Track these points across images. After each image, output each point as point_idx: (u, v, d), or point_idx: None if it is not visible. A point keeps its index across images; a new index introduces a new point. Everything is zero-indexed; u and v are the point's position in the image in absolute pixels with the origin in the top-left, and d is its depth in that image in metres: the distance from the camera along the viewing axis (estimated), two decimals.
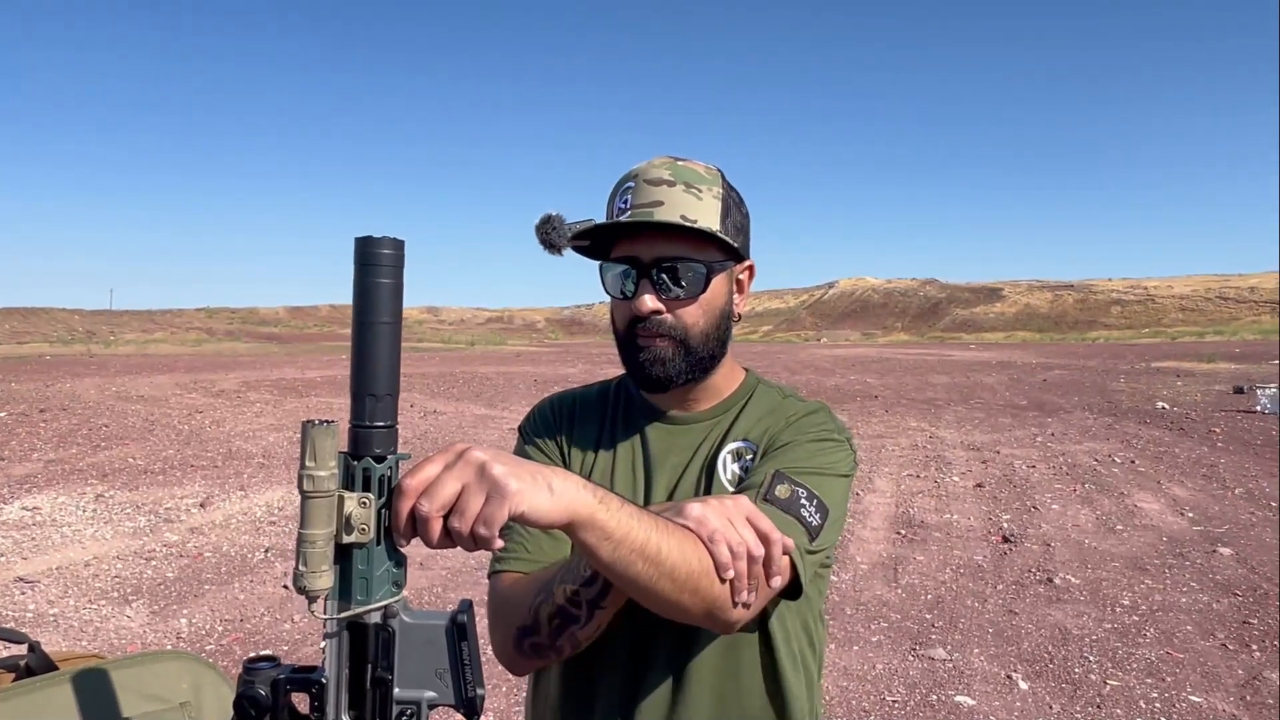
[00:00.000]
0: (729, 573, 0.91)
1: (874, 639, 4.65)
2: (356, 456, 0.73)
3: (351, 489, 0.73)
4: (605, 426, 1.24)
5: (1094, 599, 5.29)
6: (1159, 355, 38.14)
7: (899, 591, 5.44)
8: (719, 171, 1.17)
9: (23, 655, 1.25)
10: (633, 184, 1.12)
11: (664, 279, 1.11)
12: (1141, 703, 3.88)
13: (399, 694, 0.75)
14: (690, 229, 1.09)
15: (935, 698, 3.94)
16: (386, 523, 0.74)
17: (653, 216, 1.09)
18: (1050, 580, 5.62)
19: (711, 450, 1.18)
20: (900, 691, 4.01)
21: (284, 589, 5.46)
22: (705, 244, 1.12)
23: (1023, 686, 4.06)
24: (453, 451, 0.77)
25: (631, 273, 1.12)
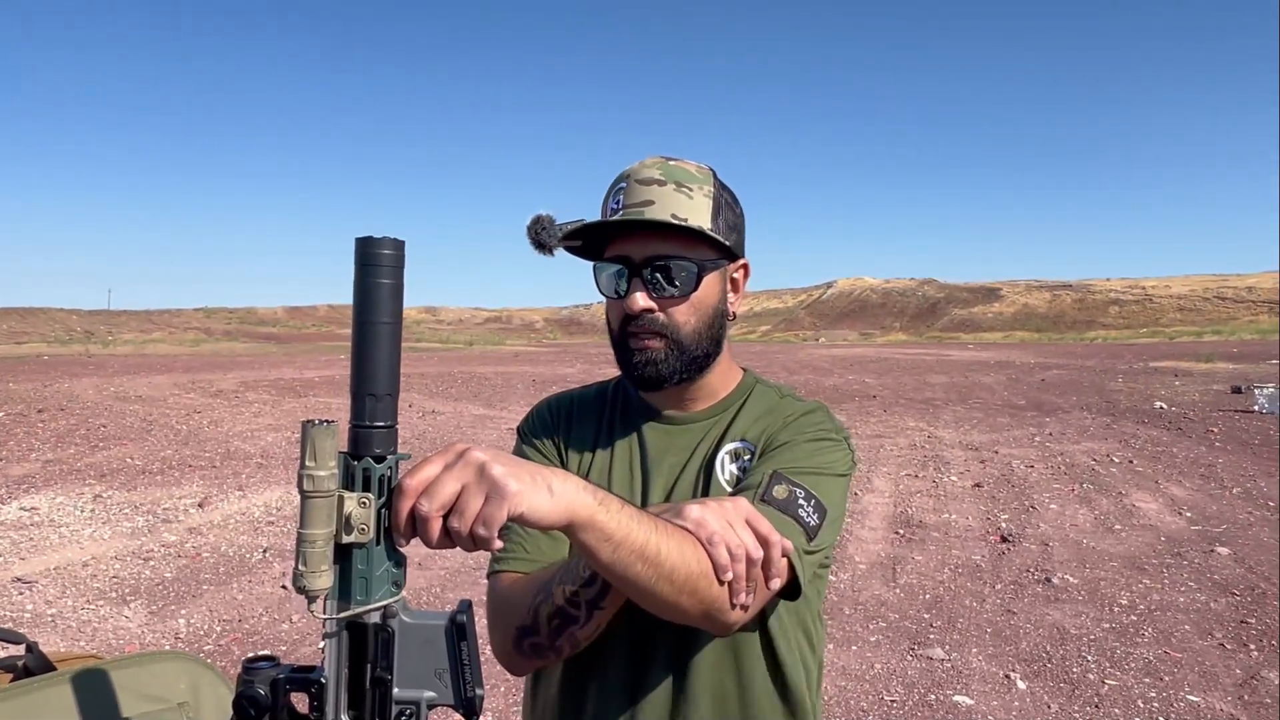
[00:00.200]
0: (728, 575, 0.91)
1: (872, 639, 4.66)
2: (356, 456, 0.74)
3: (351, 489, 0.73)
4: (603, 427, 1.24)
5: (1092, 598, 5.29)
6: (1157, 355, 38.17)
7: (897, 591, 5.44)
8: (711, 171, 1.17)
9: (20, 656, 1.25)
10: (625, 184, 1.12)
11: (655, 278, 1.11)
12: (1139, 702, 3.89)
13: (398, 694, 0.76)
14: (681, 227, 1.09)
15: (934, 697, 3.94)
16: (386, 523, 0.74)
17: (643, 215, 1.09)
18: (1048, 580, 5.63)
19: (709, 450, 1.18)
20: (898, 691, 4.01)
21: (282, 589, 5.46)
22: (697, 243, 1.12)
23: (1021, 686, 4.06)
24: (453, 452, 0.77)
25: (624, 272, 1.12)
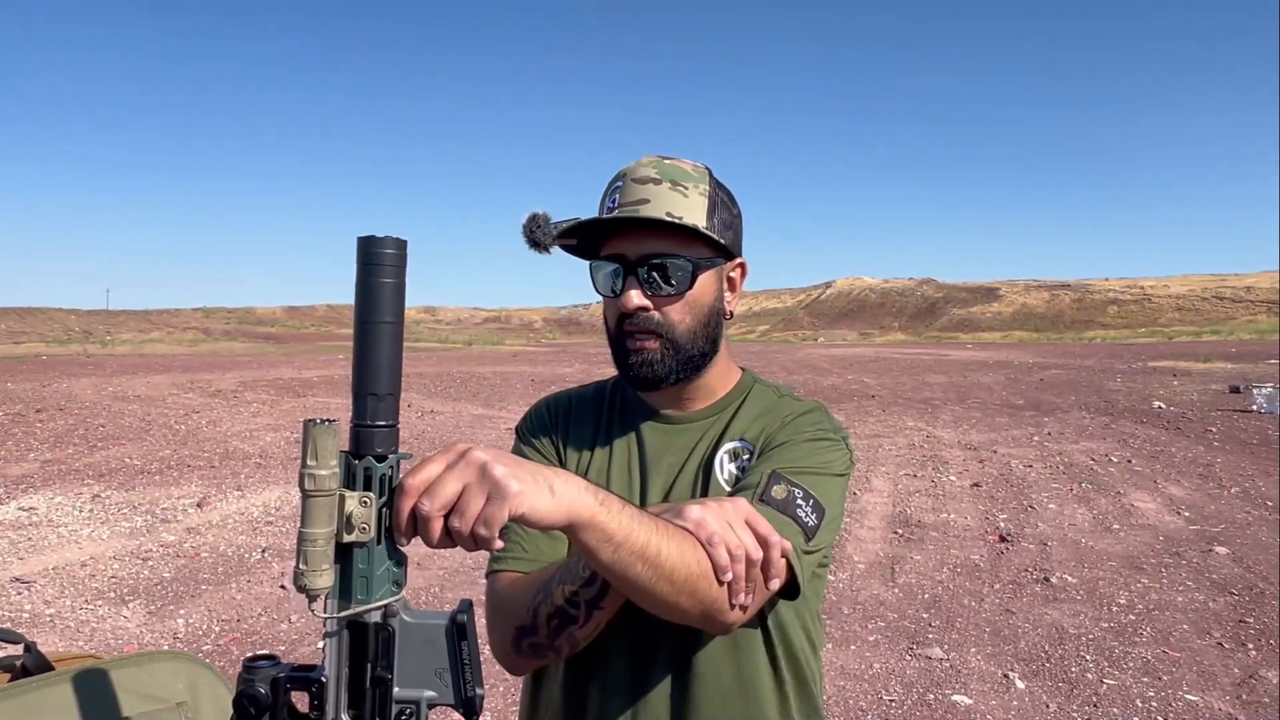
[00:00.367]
0: (727, 575, 0.91)
1: (871, 638, 4.66)
2: (358, 455, 0.74)
3: (352, 488, 0.73)
4: (601, 426, 1.24)
5: (1090, 598, 5.30)
6: (1155, 355, 38.20)
7: (896, 591, 5.45)
8: (707, 170, 1.17)
9: (19, 655, 1.24)
10: (621, 183, 1.13)
11: (650, 276, 1.11)
12: (1138, 701, 3.89)
13: (398, 693, 0.76)
14: (675, 225, 1.09)
15: (932, 697, 3.94)
16: (387, 522, 0.74)
17: (637, 213, 1.09)
18: (1047, 579, 5.63)
19: (708, 450, 1.18)
20: (897, 691, 4.01)
21: (281, 589, 5.45)
22: (692, 241, 1.12)
23: (1019, 686, 4.06)
24: (454, 451, 0.77)
25: (619, 270, 1.12)
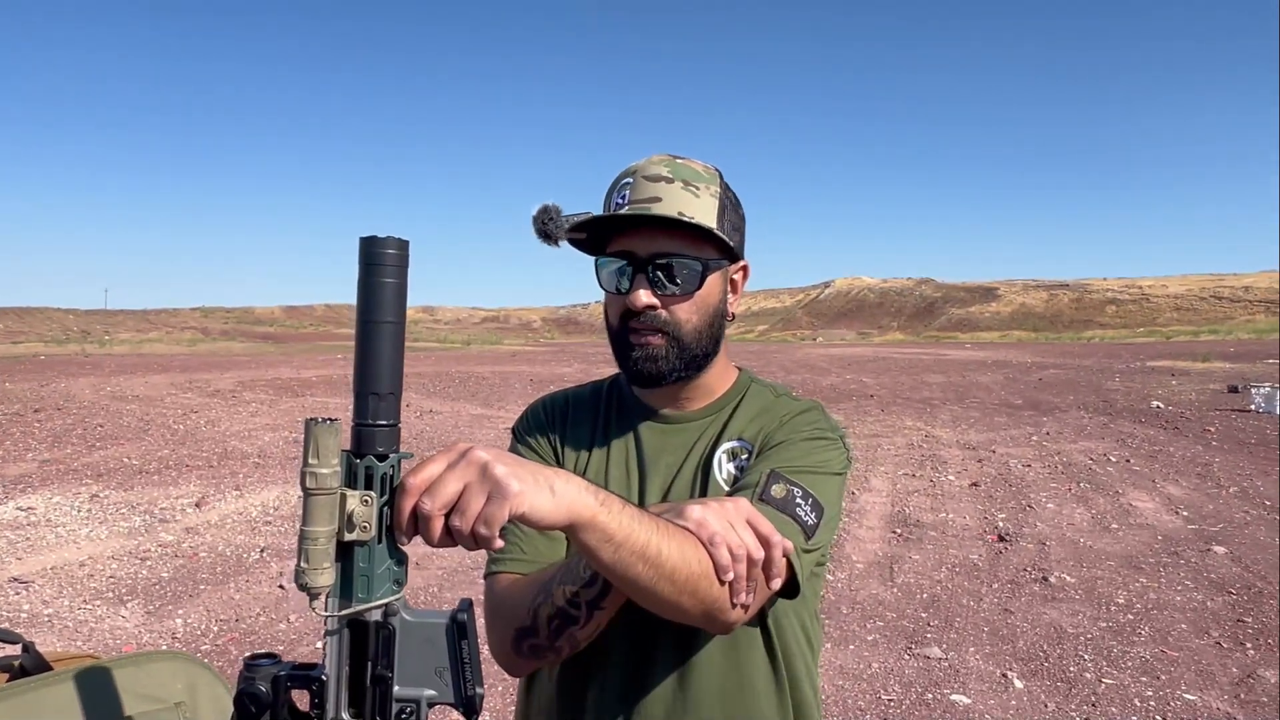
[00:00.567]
0: (728, 575, 0.91)
1: (870, 638, 4.66)
2: (359, 454, 0.74)
3: (354, 487, 0.73)
4: (599, 426, 1.24)
5: (1089, 597, 5.30)
6: (1154, 354, 38.24)
7: (895, 590, 5.45)
8: (717, 171, 1.17)
9: (17, 656, 1.24)
10: (631, 180, 1.12)
11: (659, 275, 1.11)
12: (1136, 701, 3.89)
13: (399, 692, 0.76)
14: (687, 225, 1.09)
15: (931, 696, 3.95)
16: (388, 521, 0.74)
17: (649, 211, 1.09)
18: (1045, 579, 5.64)
19: (706, 450, 1.18)
20: (896, 690, 4.02)
21: (280, 589, 5.45)
22: (701, 242, 1.12)
23: (1018, 685, 4.07)
24: (455, 451, 0.77)
25: (627, 268, 1.12)
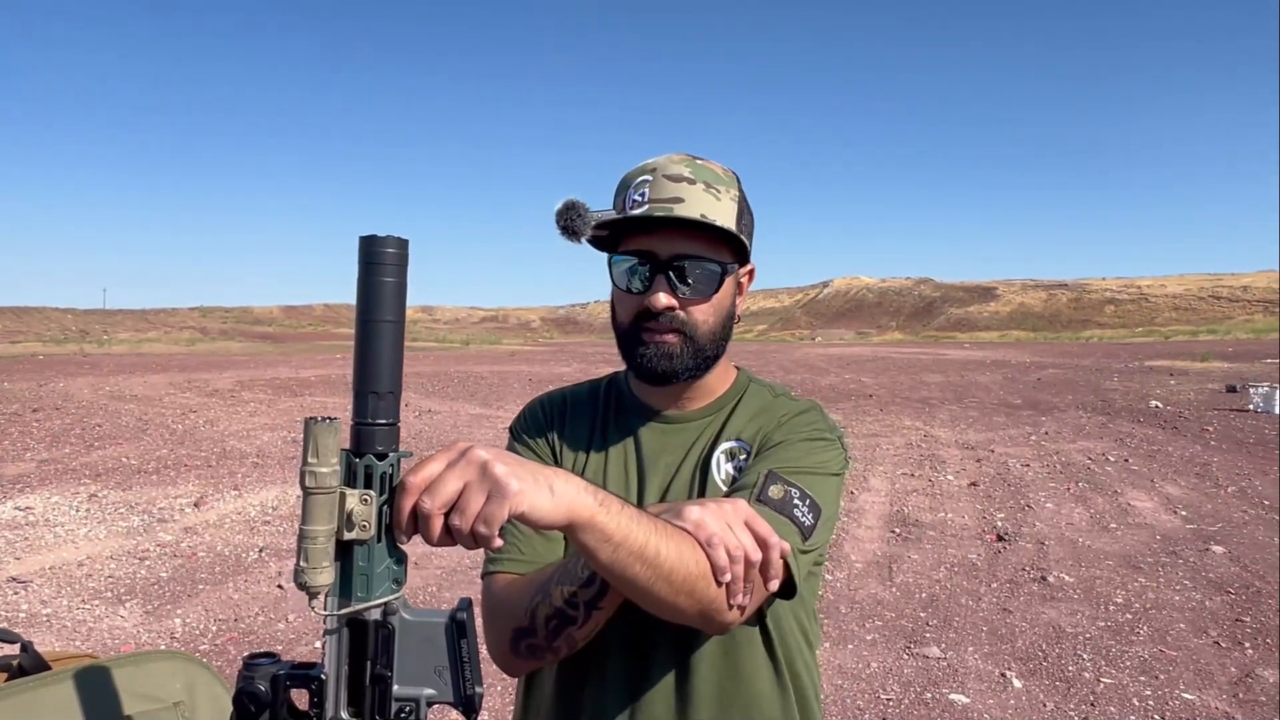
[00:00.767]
0: (726, 576, 0.91)
1: (869, 637, 4.66)
2: (358, 453, 0.74)
3: (353, 486, 0.73)
4: (597, 425, 1.24)
5: (1088, 597, 5.31)
6: (1153, 354, 38.28)
7: (894, 590, 5.45)
8: (735, 175, 1.17)
9: (15, 655, 1.24)
10: (649, 177, 1.11)
11: (679, 276, 1.11)
12: (1135, 700, 3.90)
13: (398, 691, 0.76)
14: (709, 227, 1.09)
15: (930, 696, 3.95)
16: (387, 520, 0.74)
17: (673, 212, 1.08)
18: (1044, 578, 5.64)
19: (705, 450, 1.18)
20: (895, 690, 4.02)
21: (279, 588, 5.45)
22: (718, 244, 1.12)
23: (1017, 684, 4.07)
24: (455, 450, 0.77)
25: (644, 268, 1.11)
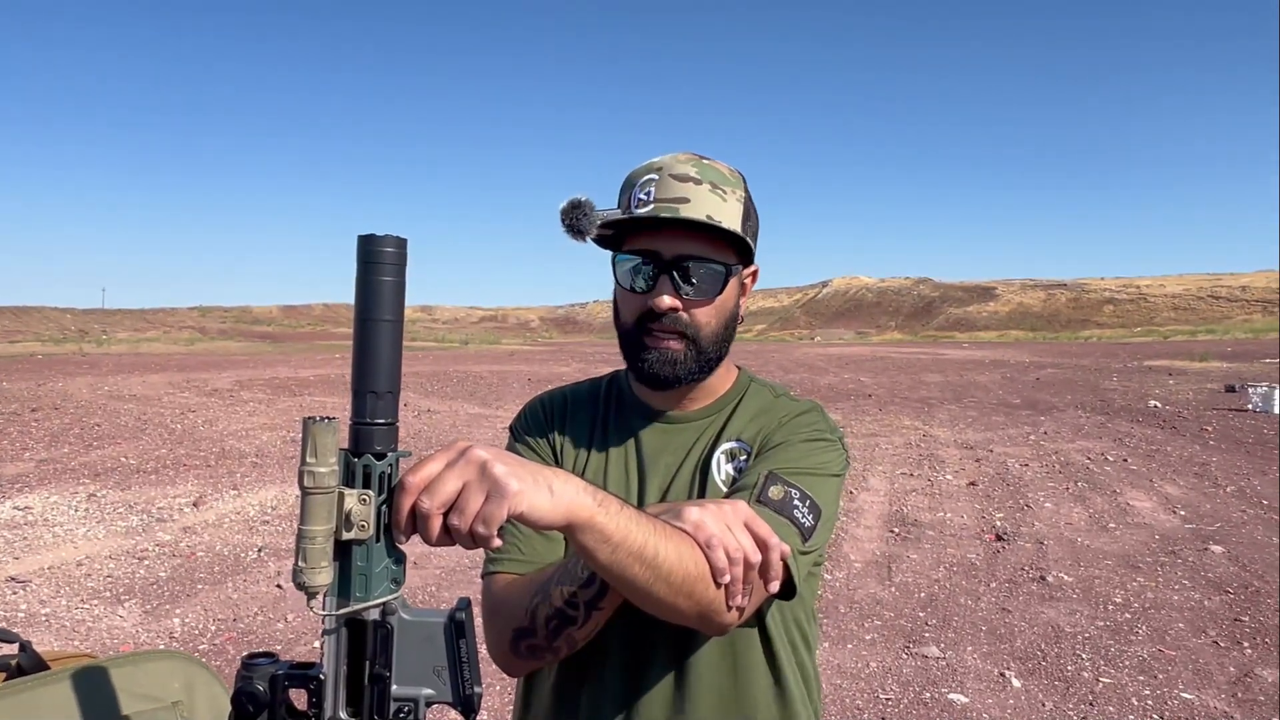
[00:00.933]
0: (725, 578, 0.91)
1: (867, 637, 4.67)
2: (357, 453, 0.74)
3: (351, 485, 0.73)
4: (597, 425, 1.24)
5: (1086, 597, 5.31)
6: (1151, 354, 38.29)
7: (892, 590, 5.45)
8: (741, 175, 1.17)
9: (14, 655, 1.24)
10: (655, 176, 1.10)
11: (684, 277, 1.10)
12: (1134, 700, 3.90)
13: (397, 691, 0.76)
14: (716, 229, 1.08)
15: (929, 695, 3.95)
16: (386, 519, 0.74)
17: (679, 213, 1.07)
18: (1043, 578, 5.64)
19: (705, 450, 1.18)
20: (894, 689, 4.02)
21: (277, 588, 5.45)
22: (723, 245, 1.11)
23: (1016, 684, 4.07)
24: (454, 449, 0.77)
25: (649, 268, 1.11)
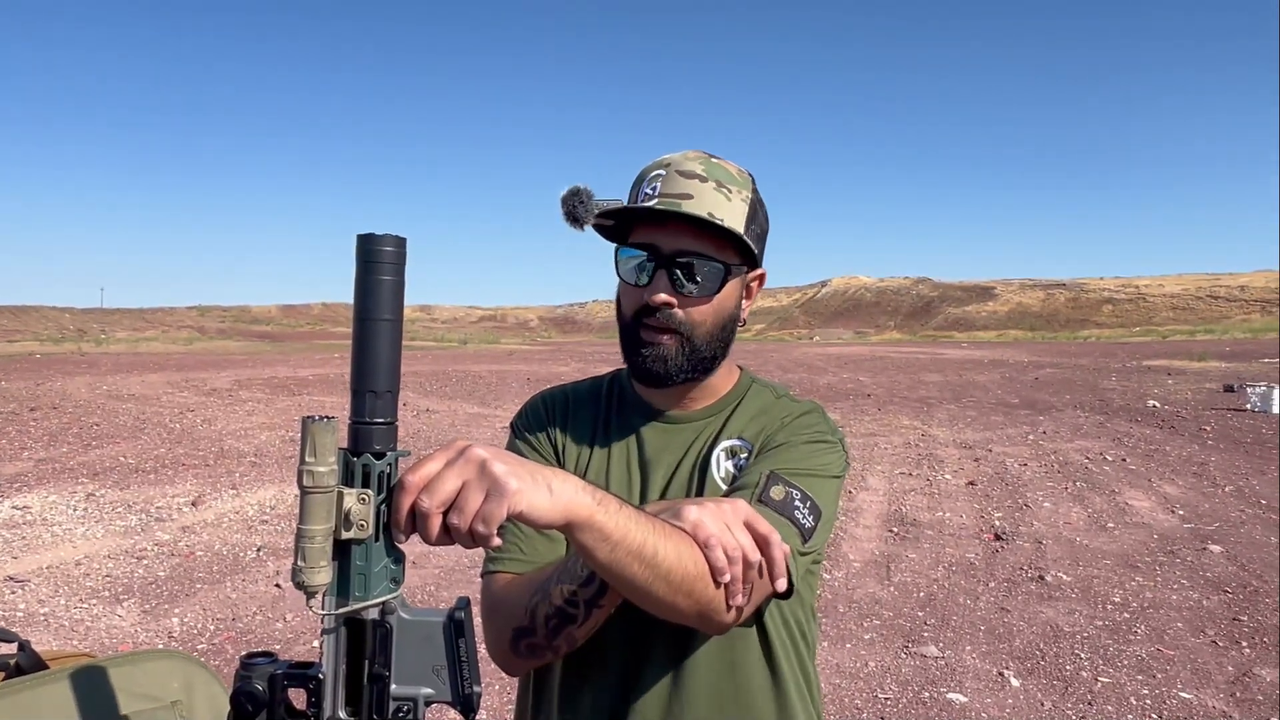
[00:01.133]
0: (725, 577, 0.91)
1: (866, 637, 4.67)
2: (356, 453, 0.74)
3: (351, 485, 0.73)
4: (599, 424, 1.24)
5: (1085, 596, 5.31)
6: (1150, 354, 38.32)
7: (891, 589, 5.46)
8: (750, 176, 1.16)
9: (12, 654, 1.24)
10: (663, 172, 1.11)
11: (681, 273, 1.10)
12: (1132, 699, 3.90)
13: (396, 690, 0.76)
14: (715, 226, 1.08)
15: (927, 695, 3.95)
16: (385, 519, 0.74)
17: (679, 208, 1.08)
18: (1042, 578, 5.65)
19: (705, 448, 1.18)
20: (892, 689, 4.02)
21: (276, 588, 5.45)
22: (725, 245, 1.11)
23: (1014, 684, 4.07)
24: (454, 448, 0.77)
25: (649, 262, 1.11)
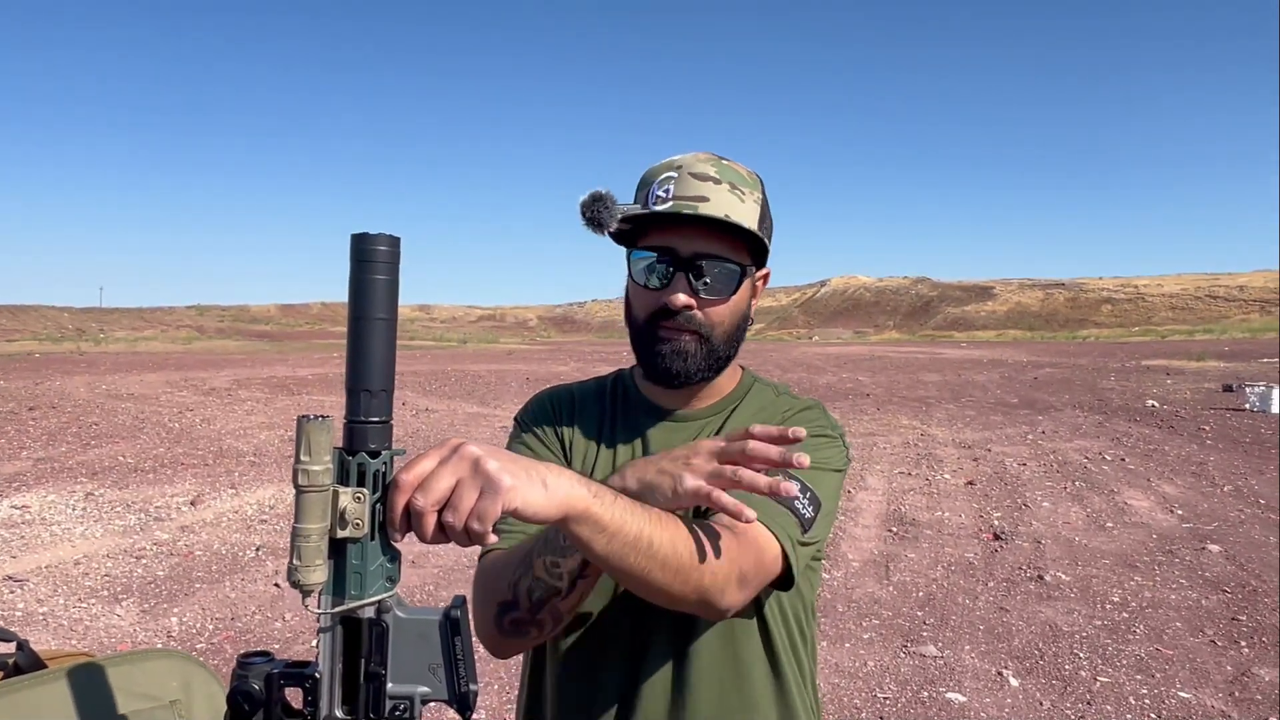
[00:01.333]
0: (750, 515, 0.88)
1: (865, 636, 4.67)
2: (351, 451, 0.73)
3: (346, 484, 0.73)
4: (605, 423, 1.24)
5: (1084, 596, 5.32)
6: (1149, 354, 38.35)
7: (890, 589, 5.46)
8: (759, 179, 1.18)
9: (11, 654, 1.24)
10: (675, 174, 1.11)
11: (700, 276, 1.11)
12: (1131, 699, 3.90)
13: (392, 688, 0.75)
14: (731, 227, 1.09)
15: (926, 694, 3.96)
16: (381, 518, 0.74)
17: (698, 211, 1.08)
18: (1041, 577, 5.65)
19: None
20: (891, 688, 4.03)
21: (275, 587, 5.45)
22: (739, 246, 1.12)
23: (1013, 683, 4.08)
24: (448, 446, 0.77)
25: (664, 265, 1.11)
